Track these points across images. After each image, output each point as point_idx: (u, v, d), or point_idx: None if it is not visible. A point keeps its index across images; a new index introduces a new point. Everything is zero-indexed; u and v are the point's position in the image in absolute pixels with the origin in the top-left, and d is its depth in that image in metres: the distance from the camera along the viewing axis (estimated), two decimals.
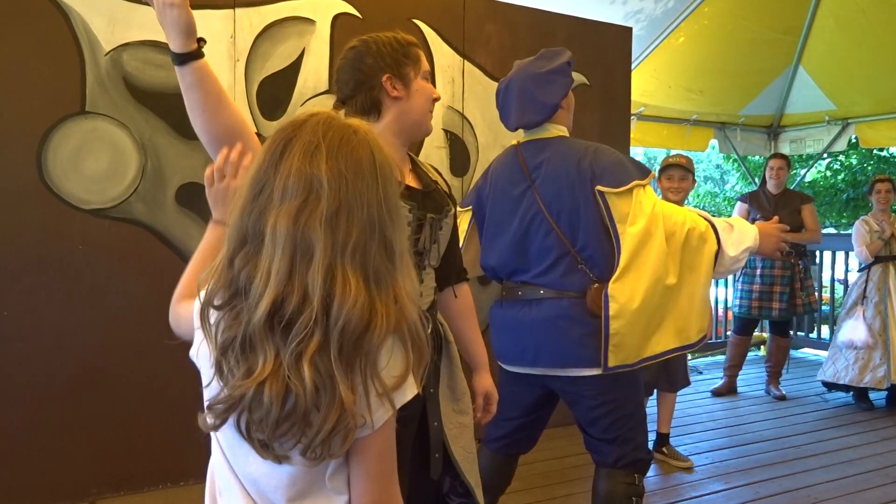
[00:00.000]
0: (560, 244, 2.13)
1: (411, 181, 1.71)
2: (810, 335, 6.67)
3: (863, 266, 4.93)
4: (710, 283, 2.16)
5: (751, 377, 5.54)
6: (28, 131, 2.90)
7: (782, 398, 5.01)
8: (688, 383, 3.68)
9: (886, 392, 4.83)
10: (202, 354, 0.99)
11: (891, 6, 5.15)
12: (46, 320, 2.94)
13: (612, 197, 2.07)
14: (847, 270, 6.46)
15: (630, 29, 4.56)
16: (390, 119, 1.67)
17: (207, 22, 3.21)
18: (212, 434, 1.03)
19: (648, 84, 5.75)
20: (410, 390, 0.94)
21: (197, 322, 0.98)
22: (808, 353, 6.56)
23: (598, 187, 2.08)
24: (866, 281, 4.84)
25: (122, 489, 3.10)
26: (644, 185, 2.10)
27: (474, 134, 3.94)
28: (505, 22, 4.01)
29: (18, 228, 2.89)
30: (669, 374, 3.56)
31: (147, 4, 1.35)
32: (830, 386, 4.96)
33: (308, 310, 0.85)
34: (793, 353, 6.07)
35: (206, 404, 0.94)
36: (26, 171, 2.90)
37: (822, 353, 5.82)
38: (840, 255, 6.58)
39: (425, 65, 1.71)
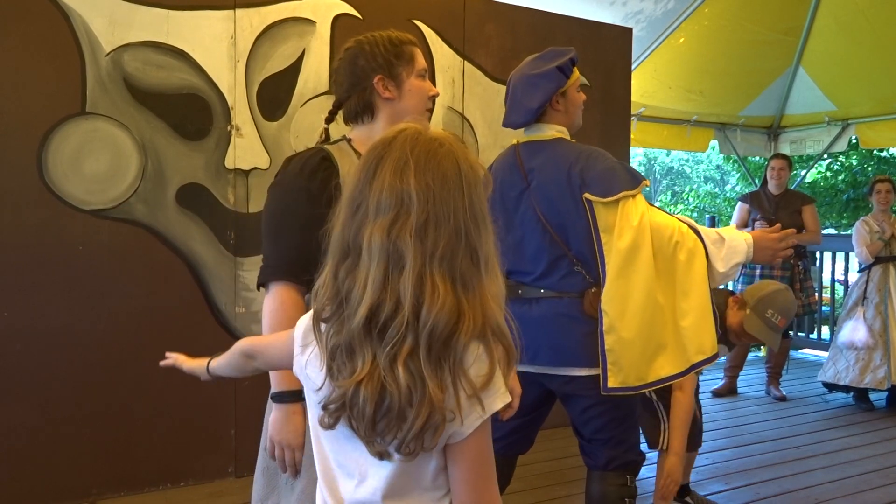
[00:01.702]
0: (556, 247, 2.13)
1: None
2: (810, 336, 6.67)
3: (863, 267, 4.93)
4: (705, 299, 2.08)
5: (751, 378, 5.54)
6: (28, 132, 2.91)
7: (782, 399, 5.01)
8: (699, 444, 3.12)
9: (887, 393, 4.83)
10: (311, 364, 1.07)
11: (890, 7, 5.15)
12: (47, 320, 2.94)
13: (598, 206, 2.05)
14: (847, 271, 6.46)
15: (630, 30, 4.57)
16: (384, 120, 1.67)
17: (208, 22, 3.21)
18: (315, 440, 1.10)
19: (649, 85, 5.76)
20: (502, 397, 0.99)
21: (300, 340, 1.09)
22: (808, 353, 6.56)
23: (586, 195, 2.06)
24: (866, 282, 4.84)
25: (122, 489, 3.10)
26: (633, 196, 2.05)
27: (474, 135, 3.94)
28: (505, 23, 4.01)
29: (19, 229, 2.89)
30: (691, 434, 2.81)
31: None
32: (831, 387, 4.96)
33: (400, 315, 0.93)
34: (793, 353, 6.07)
35: (320, 405, 1.01)
36: (27, 172, 2.90)
37: (823, 354, 5.82)
38: (840, 255, 6.58)
39: (420, 63, 1.71)
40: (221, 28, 3.24)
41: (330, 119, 1.75)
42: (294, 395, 1.51)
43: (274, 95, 3.38)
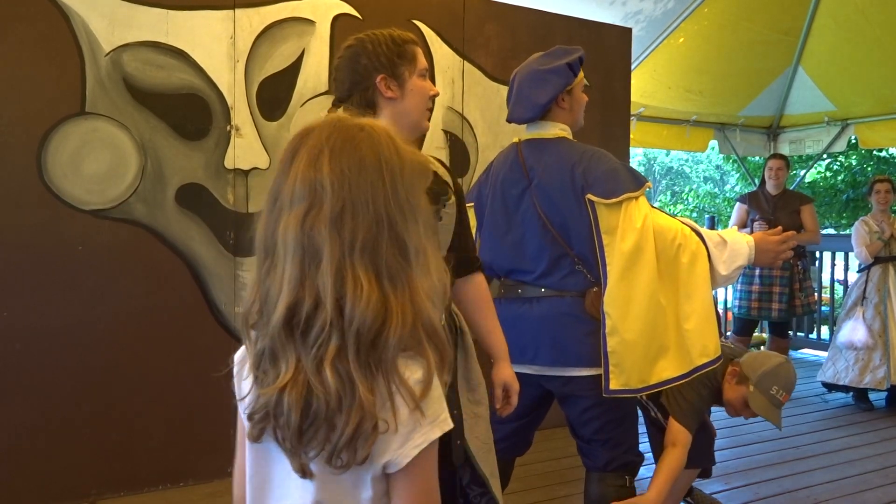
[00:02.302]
0: (558, 246, 2.12)
1: None
2: (810, 336, 6.67)
3: (862, 267, 4.93)
4: (708, 302, 2.09)
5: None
6: (28, 132, 2.90)
7: None
8: (713, 462, 2.92)
9: (886, 393, 4.83)
10: (245, 379, 0.99)
11: (890, 7, 5.16)
12: (46, 320, 2.94)
13: (601, 207, 2.05)
14: (847, 271, 6.46)
15: (630, 30, 4.57)
16: (386, 119, 1.66)
17: (208, 22, 3.21)
18: (250, 456, 1.03)
19: (648, 85, 5.76)
20: (442, 424, 0.92)
21: (238, 359, 1.02)
22: (807, 353, 6.56)
23: (589, 196, 2.06)
24: (866, 282, 4.84)
25: (122, 489, 3.10)
26: (636, 198, 2.06)
27: (474, 135, 3.94)
28: (505, 23, 4.01)
29: (18, 229, 2.89)
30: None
31: None
32: (830, 387, 4.97)
33: (322, 313, 0.86)
34: (792, 353, 6.07)
35: (245, 414, 0.96)
36: (26, 172, 2.90)
37: (822, 354, 5.82)
38: (840, 255, 6.59)
39: (422, 62, 1.70)
40: (221, 28, 3.24)
41: None
42: None
43: (273, 95, 3.38)
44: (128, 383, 3.10)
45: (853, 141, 6.67)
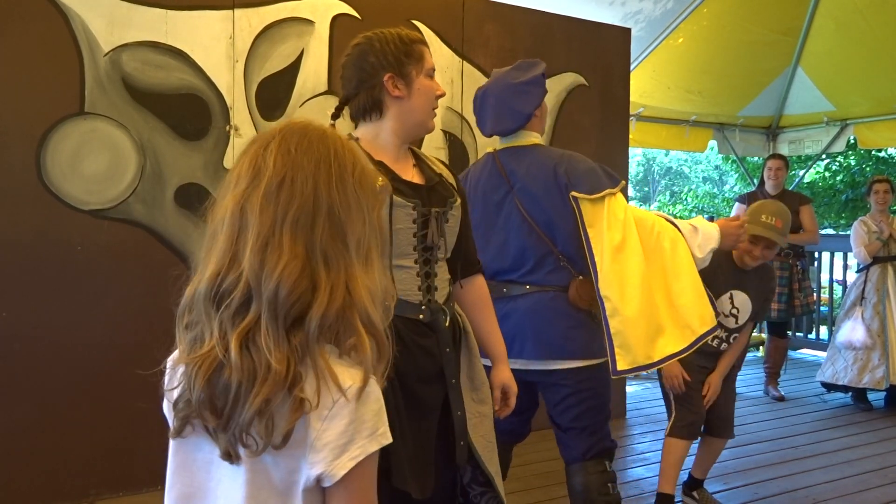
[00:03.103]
0: (542, 244, 2.23)
1: (414, 177, 1.70)
2: (809, 336, 6.67)
3: (861, 267, 4.94)
4: (695, 276, 2.22)
5: (749, 378, 5.54)
6: (27, 132, 2.90)
7: (781, 399, 5.01)
8: (732, 435, 3.11)
9: (885, 393, 4.83)
10: (168, 391, 0.96)
11: (889, 7, 5.16)
12: (45, 321, 2.94)
13: (585, 203, 2.18)
14: (846, 271, 6.47)
15: (629, 30, 4.57)
16: (392, 118, 1.66)
17: (207, 22, 3.21)
18: (173, 464, 0.97)
19: (647, 85, 5.76)
20: (382, 437, 0.88)
21: (169, 365, 0.98)
22: (806, 353, 6.56)
23: (573, 193, 2.19)
24: (865, 282, 4.84)
25: (121, 489, 3.10)
26: (615, 193, 2.20)
27: (473, 135, 3.94)
28: (504, 23, 4.01)
29: (17, 229, 2.89)
30: (722, 417, 3.03)
31: None
32: (829, 387, 4.97)
33: (243, 281, 0.85)
34: (791, 353, 6.07)
35: (171, 409, 0.92)
36: (25, 172, 2.90)
37: (821, 354, 5.83)
38: (839, 255, 6.59)
39: (429, 62, 1.70)
40: (220, 28, 3.24)
41: (336, 115, 1.74)
42: None
43: (273, 95, 3.38)
44: (127, 383, 3.09)
45: (852, 141, 6.67)
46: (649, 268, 2.19)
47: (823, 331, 6.63)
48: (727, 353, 2.97)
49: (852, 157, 11.01)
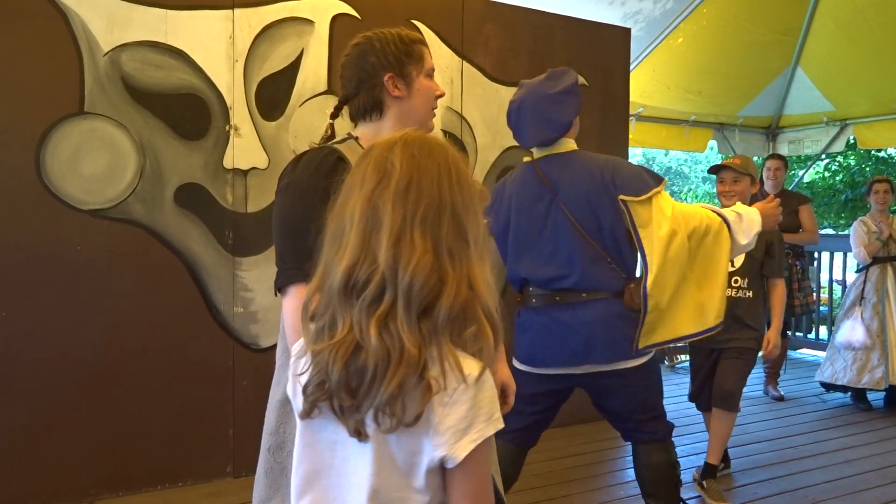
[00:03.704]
0: (590, 249, 2.32)
1: None
2: (808, 336, 6.67)
3: (861, 267, 4.94)
4: (725, 273, 2.39)
5: (749, 378, 5.53)
6: (26, 132, 2.90)
7: (780, 399, 5.01)
8: (733, 409, 3.30)
9: (884, 393, 4.83)
10: (296, 376, 1.03)
11: (889, 7, 5.16)
12: (45, 321, 2.94)
13: (634, 205, 2.29)
14: (845, 271, 6.47)
15: (629, 30, 4.57)
16: (392, 118, 1.66)
17: (206, 22, 3.21)
18: (301, 443, 1.04)
19: (647, 85, 5.76)
20: (496, 421, 0.95)
21: (295, 352, 1.06)
22: (806, 353, 6.56)
23: (622, 197, 2.30)
24: (864, 282, 4.84)
25: (121, 489, 3.09)
26: (660, 192, 2.33)
27: (473, 135, 3.94)
28: (504, 23, 4.01)
29: (17, 229, 2.89)
30: (724, 388, 3.24)
31: None
32: (828, 387, 4.97)
33: (379, 273, 0.92)
34: (791, 353, 6.07)
35: (301, 391, 0.99)
36: (25, 172, 2.90)
37: (821, 354, 5.82)
38: (838, 255, 6.59)
39: (429, 62, 1.70)
40: (220, 28, 3.24)
41: (335, 114, 1.74)
42: None
43: (272, 95, 3.37)
44: (126, 383, 3.10)
45: (852, 141, 6.67)
46: (691, 261, 2.34)
47: (823, 331, 6.63)
48: (773, 308, 3.26)
49: (852, 157, 11.01)
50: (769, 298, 3.28)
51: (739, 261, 3.21)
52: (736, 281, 3.22)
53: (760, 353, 3.26)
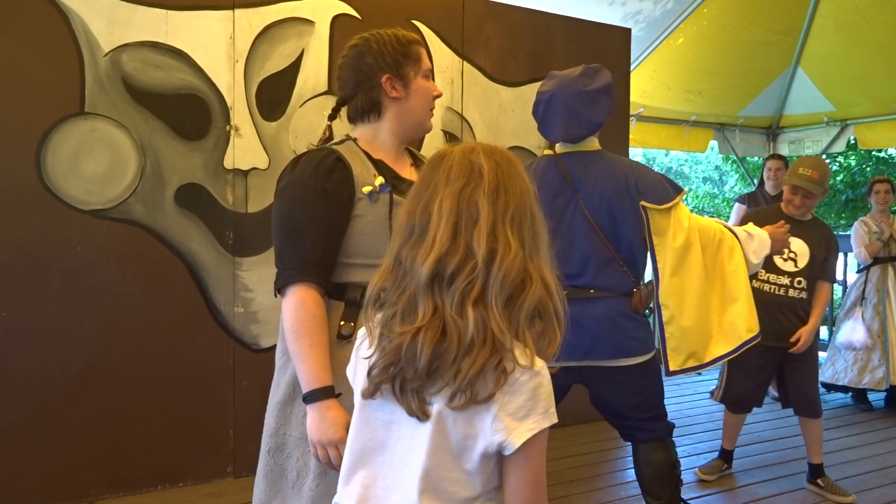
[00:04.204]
0: (605, 250, 2.33)
1: (413, 176, 1.71)
2: None
3: (861, 267, 4.93)
4: (748, 286, 2.38)
5: None
6: (27, 132, 2.90)
7: None
8: (820, 414, 3.35)
9: (885, 393, 4.83)
10: (363, 350, 1.09)
11: (889, 8, 5.16)
12: (45, 321, 2.94)
13: (653, 212, 2.31)
14: (846, 271, 6.46)
15: (629, 30, 4.57)
16: (391, 119, 1.67)
17: (207, 23, 3.21)
18: (357, 421, 1.10)
19: (647, 85, 5.76)
20: (550, 415, 1.00)
21: (358, 340, 1.13)
22: None
23: (643, 203, 2.31)
24: (865, 282, 4.84)
25: (121, 489, 3.09)
26: (679, 203, 2.35)
27: (473, 135, 3.94)
28: (504, 23, 4.01)
29: (17, 229, 2.89)
30: (807, 398, 3.29)
31: None
32: (829, 387, 4.96)
33: (471, 263, 0.98)
34: None
35: (366, 374, 1.04)
36: (25, 172, 2.90)
37: (821, 355, 5.81)
38: (839, 256, 6.57)
39: (426, 63, 1.70)
40: (220, 28, 3.24)
41: (333, 116, 1.74)
42: (325, 392, 1.48)
43: (273, 95, 3.38)
44: (127, 383, 3.10)
45: (852, 141, 6.66)
46: (708, 275, 2.35)
47: (823, 331, 6.61)
48: (815, 308, 3.24)
49: (852, 158, 11.00)
50: (815, 298, 3.28)
51: (803, 261, 3.23)
52: (799, 282, 3.24)
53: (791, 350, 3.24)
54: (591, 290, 2.34)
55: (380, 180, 1.59)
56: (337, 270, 1.59)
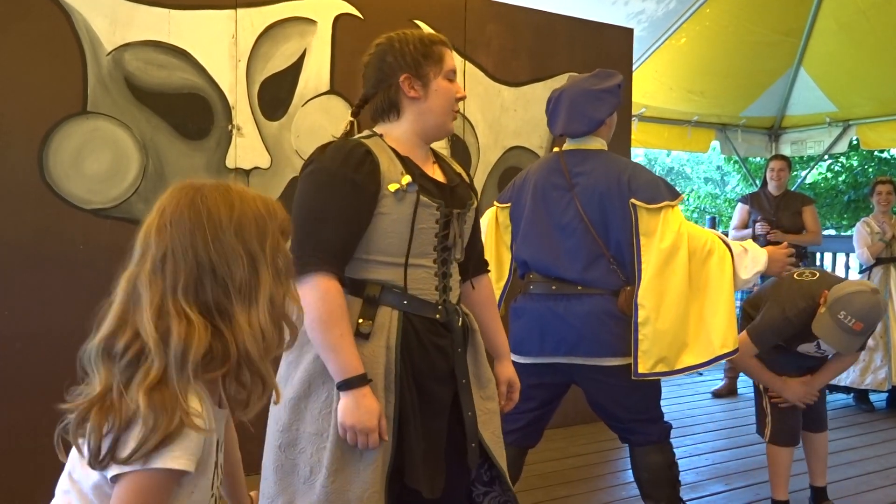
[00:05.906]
0: (595, 247, 2.34)
1: (438, 175, 1.72)
2: None
3: (864, 268, 4.93)
4: (731, 299, 2.33)
5: (751, 379, 5.53)
6: (29, 131, 2.90)
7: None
8: (827, 428, 3.14)
9: (887, 394, 4.83)
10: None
11: (892, 8, 5.16)
12: (47, 320, 2.94)
13: (642, 211, 2.30)
14: (848, 272, 6.46)
15: (631, 30, 4.57)
16: (411, 119, 1.67)
17: (209, 22, 3.21)
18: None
19: (650, 85, 5.76)
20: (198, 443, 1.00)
21: None
22: None
23: (633, 200, 2.30)
24: None
25: None
26: (673, 206, 2.32)
27: (475, 135, 3.94)
28: (506, 23, 4.01)
29: (19, 228, 2.89)
30: (816, 408, 3.01)
31: None
32: (831, 387, 4.95)
33: (137, 344, 1.00)
34: None
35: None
36: (28, 171, 2.90)
37: None
38: (841, 256, 6.57)
39: (449, 64, 1.69)
40: (223, 28, 3.24)
41: (356, 113, 1.74)
42: (360, 380, 1.50)
43: (275, 95, 3.38)
44: None
45: (854, 142, 6.66)
46: (692, 283, 2.31)
47: None
48: (829, 368, 2.88)
49: (855, 158, 10.97)
50: (835, 358, 2.92)
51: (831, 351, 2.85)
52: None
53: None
54: (579, 287, 2.34)
55: (406, 179, 1.59)
56: (355, 266, 1.59)
